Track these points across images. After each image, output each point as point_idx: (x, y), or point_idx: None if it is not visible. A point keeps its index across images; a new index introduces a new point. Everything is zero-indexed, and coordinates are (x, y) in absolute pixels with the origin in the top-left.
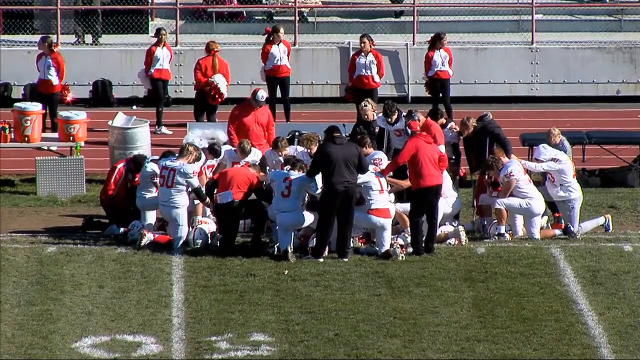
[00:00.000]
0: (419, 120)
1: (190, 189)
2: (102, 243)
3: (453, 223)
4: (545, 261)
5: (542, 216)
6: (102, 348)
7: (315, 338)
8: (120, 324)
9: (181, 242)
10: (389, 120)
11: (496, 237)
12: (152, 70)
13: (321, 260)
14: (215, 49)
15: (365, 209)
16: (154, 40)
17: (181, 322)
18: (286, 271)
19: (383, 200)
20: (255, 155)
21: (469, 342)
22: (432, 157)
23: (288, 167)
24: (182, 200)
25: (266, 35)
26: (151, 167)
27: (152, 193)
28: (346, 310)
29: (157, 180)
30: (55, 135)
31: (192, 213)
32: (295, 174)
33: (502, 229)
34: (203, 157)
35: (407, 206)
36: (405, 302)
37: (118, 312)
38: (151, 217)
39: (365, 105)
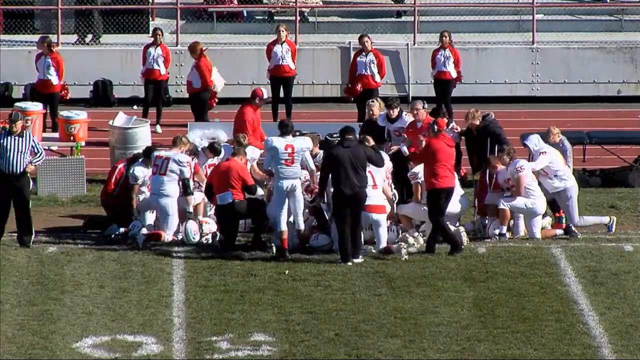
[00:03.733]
0: (425, 109)
1: (181, 178)
2: (102, 243)
3: (454, 223)
4: (546, 261)
5: (544, 217)
6: (103, 348)
7: (316, 338)
8: (120, 324)
9: (172, 233)
10: (391, 112)
11: (497, 237)
12: (143, 70)
13: (350, 263)
14: (203, 48)
15: None
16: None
17: (182, 322)
18: (287, 271)
19: (376, 196)
20: (254, 153)
21: (470, 342)
22: (450, 161)
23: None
24: (172, 189)
25: None
26: (139, 171)
27: (145, 194)
28: (347, 310)
29: (148, 179)
30: (56, 135)
31: (185, 211)
32: (300, 141)
33: (504, 229)
34: (203, 157)
35: (409, 208)
36: (406, 302)
37: (119, 312)
38: (150, 217)
39: (372, 102)
